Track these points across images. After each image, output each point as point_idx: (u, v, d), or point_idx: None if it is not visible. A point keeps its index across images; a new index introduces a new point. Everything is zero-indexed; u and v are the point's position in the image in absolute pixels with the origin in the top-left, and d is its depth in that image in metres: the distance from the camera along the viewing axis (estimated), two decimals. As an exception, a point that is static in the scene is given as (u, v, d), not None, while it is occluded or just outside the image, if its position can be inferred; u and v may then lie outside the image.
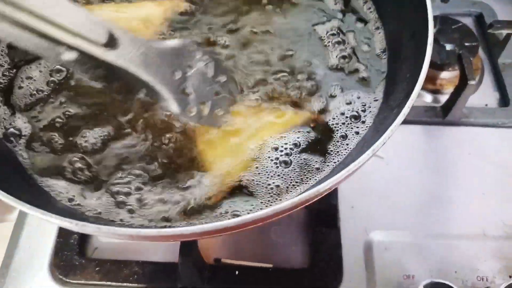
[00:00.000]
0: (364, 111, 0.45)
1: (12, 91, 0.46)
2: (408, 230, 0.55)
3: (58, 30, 0.34)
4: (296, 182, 0.41)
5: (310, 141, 0.43)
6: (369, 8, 0.52)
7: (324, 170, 0.42)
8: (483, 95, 0.66)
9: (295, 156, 0.42)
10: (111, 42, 0.36)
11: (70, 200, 0.40)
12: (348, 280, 0.51)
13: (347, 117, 0.45)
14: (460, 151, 0.61)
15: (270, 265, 0.52)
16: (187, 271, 0.48)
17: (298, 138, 0.43)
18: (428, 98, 0.65)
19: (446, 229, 0.55)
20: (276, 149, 0.43)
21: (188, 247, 0.46)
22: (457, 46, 0.64)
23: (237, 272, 0.51)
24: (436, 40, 0.65)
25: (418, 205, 0.57)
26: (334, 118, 0.45)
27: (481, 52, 0.69)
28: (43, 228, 0.55)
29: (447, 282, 0.46)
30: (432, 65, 0.64)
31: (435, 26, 0.66)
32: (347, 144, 0.43)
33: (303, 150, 0.43)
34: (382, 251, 0.54)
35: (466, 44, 0.64)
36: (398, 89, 0.43)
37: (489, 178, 0.59)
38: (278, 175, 0.41)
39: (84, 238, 0.54)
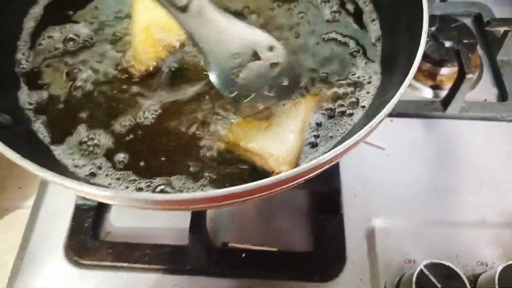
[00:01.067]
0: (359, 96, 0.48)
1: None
2: (409, 217, 0.57)
3: None
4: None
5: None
6: (365, 3, 0.54)
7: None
8: (482, 90, 0.68)
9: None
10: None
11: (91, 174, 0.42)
12: (351, 263, 0.53)
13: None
14: (460, 143, 0.63)
15: (276, 249, 0.54)
16: (196, 252, 0.50)
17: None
18: (428, 93, 0.68)
19: (447, 216, 0.57)
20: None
21: (197, 226, 0.48)
22: (456, 43, 0.66)
23: (243, 255, 0.53)
24: (435, 38, 0.67)
25: (419, 194, 0.59)
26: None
27: (480, 50, 0.72)
28: (58, 213, 0.57)
29: (446, 263, 0.47)
30: (432, 61, 0.67)
31: (434, 25, 0.69)
32: (349, 124, 0.46)
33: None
34: (384, 236, 0.56)
35: (465, 41, 0.67)
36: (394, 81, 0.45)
37: (487, 169, 0.61)
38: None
39: (97, 222, 0.56)
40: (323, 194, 0.54)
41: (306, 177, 0.36)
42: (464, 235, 0.56)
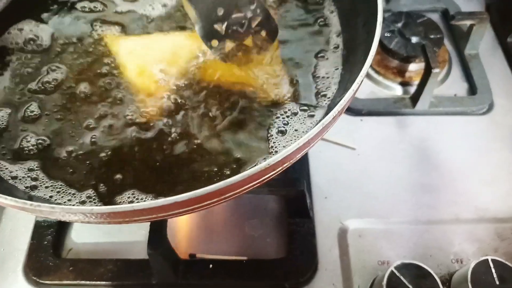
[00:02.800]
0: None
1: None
2: (381, 218, 0.55)
3: None
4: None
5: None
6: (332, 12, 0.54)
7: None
8: (452, 85, 0.68)
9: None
10: None
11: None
12: (323, 268, 0.51)
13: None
14: (431, 139, 0.62)
15: (245, 258, 0.52)
16: (159, 266, 0.48)
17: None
18: (398, 90, 0.67)
19: (420, 215, 0.56)
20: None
21: (157, 238, 0.46)
22: (422, 39, 0.66)
23: (211, 266, 0.51)
24: (402, 34, 0.67)
25: (390, 193, 0.57)
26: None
27: (448, 45, 0.71)
28: (19, 230, 0.55)
29: (416, 262, 0.46)
30: (400, 58, 0.66)
31: (400, 21, 0.68)
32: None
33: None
34: (356, 238, 0.54)
35: (431, 36, 0.66)
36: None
37: (459, 164, 0.60)
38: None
39: (58, 239, 0.54)
40: (292, 198, 0.53)
41: (264, 178, 0.35)
42: (438, 232, 0.54)
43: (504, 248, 0.53)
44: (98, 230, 0.55)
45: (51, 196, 0.38)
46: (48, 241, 0.53)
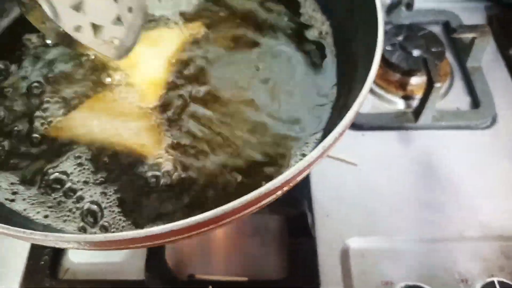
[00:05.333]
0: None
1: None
2: (384, 236, 0.54)
3: None
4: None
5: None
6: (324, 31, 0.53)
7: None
8: (454, 99, 0.67)
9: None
10: None
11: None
12: (325, 289, 0.50)
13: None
14: (434, 154, 0.61)
15: (245, 279, 0.51)
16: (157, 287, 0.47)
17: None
18: (400, 104, 0.66)
19: (424, 233, 0.55)
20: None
21: (155, 260, 0.45)
22: (424, 52, 0.65)
23: (210, 287, 0.50)
24: (403, 47, 0.66)
25: (393, 211, 0.56)
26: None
27: (450, 58, 0.70)
28: (14, 251, 0.54)
29: (421, 284, 0.45)
30: (401, 71, 0.65)
31: (401, 34, 0.67)
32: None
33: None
34: (359, 258, 0.53)
35: (433, 49, 0.65)
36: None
37: (463, 180, 0.59)
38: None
39: (55, 259, 0.53)
40: (293, 218, 0.52)
41: (264, 202, 0.34)
42: (443, 251, 0.53)
43: (511, 267, 0.52)
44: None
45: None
46: (45, 261, 0.52)
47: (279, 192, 0.33)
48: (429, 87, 0.59)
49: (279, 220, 0.55)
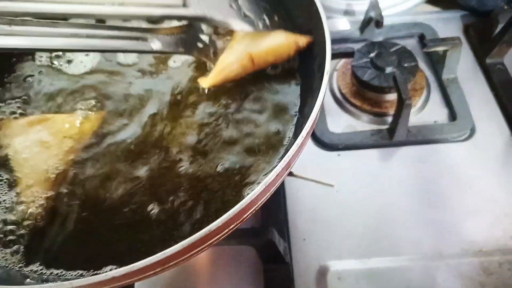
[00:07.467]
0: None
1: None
2: (361, 257, 0.54)
3: None
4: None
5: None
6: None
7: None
8: (431, 112, 0.67)
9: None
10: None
11: None
12: (301, 316, 0.50)
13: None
14: (410, 170, 0.61)
15: (222, 309, 0.51)
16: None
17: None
18: (375, 122, 0.66)
19: (401, 252, 0.54)
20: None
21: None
22: (396, 68, 0.65)
23: (187, 319, 0.50)
24: (375, 65, 0.66)
25: (370, 231, 0.56)
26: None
27: (426, 70, 0.70)
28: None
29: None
30: (374, 89, 0.65)
31: (373, 51, 0.68)
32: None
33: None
34: (336, 281, 0.53)
35: (405, 65, 0.65)
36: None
37: (442, 195, 0.58)
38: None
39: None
40: (263, 246, 0.52)
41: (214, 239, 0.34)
42: (422, 270, 0.53)
43: (491, 283, 0.51)
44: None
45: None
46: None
47: (232, 227, 0.33)
48: (400, 104, 0.59)
49: (251, 250, 0.55)
